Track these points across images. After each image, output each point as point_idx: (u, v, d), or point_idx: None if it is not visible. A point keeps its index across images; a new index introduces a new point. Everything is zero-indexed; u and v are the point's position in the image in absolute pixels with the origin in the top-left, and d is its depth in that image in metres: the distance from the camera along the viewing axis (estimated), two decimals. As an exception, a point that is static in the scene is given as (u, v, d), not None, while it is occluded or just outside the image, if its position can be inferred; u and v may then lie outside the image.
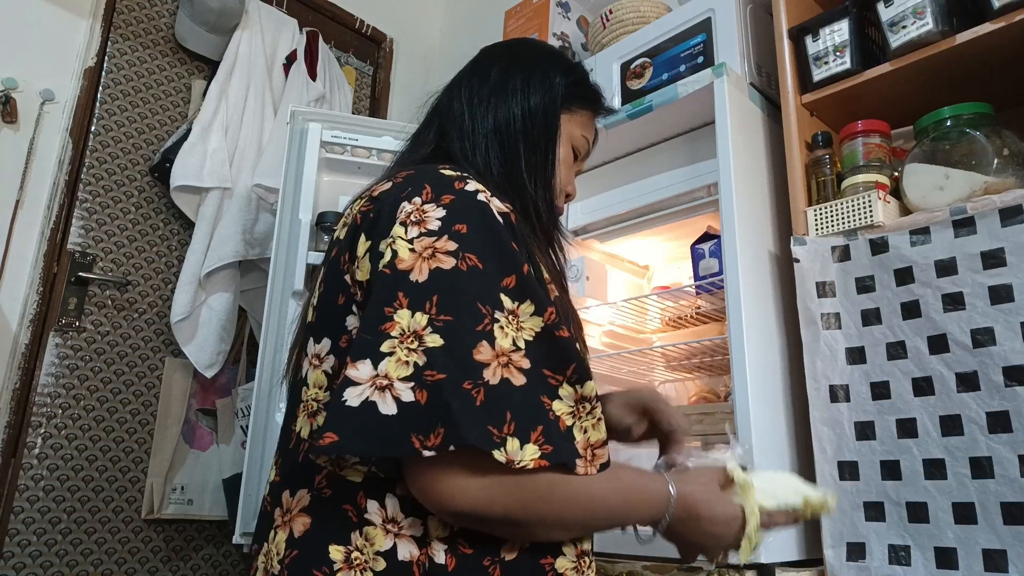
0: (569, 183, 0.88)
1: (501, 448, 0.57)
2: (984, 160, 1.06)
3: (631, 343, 1.68)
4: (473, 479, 0.58)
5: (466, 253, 0.63)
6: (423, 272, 0.61)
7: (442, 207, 0.65)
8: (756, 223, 1.26)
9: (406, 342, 0.59)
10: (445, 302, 0.60)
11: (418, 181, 0.69)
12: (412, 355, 0.58)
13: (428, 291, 0.60)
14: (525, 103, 0.82)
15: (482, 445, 0.56)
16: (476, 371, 0.58)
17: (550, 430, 0.60)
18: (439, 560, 0.62)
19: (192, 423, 1.92)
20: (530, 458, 0.58)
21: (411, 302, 0.60)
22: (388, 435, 0.56)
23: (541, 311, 0.64)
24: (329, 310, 0.70)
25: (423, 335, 0.59)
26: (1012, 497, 0.93)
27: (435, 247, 0.63)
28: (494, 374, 0.59)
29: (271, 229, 1.80)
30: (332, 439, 0.56)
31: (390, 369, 0.58)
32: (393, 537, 0.62)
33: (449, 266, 0.62)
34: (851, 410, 1.09)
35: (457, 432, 0.56)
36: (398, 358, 0.58)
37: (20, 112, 1.70)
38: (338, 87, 2.27)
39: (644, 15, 1.65)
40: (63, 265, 1.76)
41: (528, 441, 0.58)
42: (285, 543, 0.65)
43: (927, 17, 1.13)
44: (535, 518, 0.61)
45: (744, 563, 0.77)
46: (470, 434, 0.56)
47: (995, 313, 0.97)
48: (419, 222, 0.64)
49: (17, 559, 1.60)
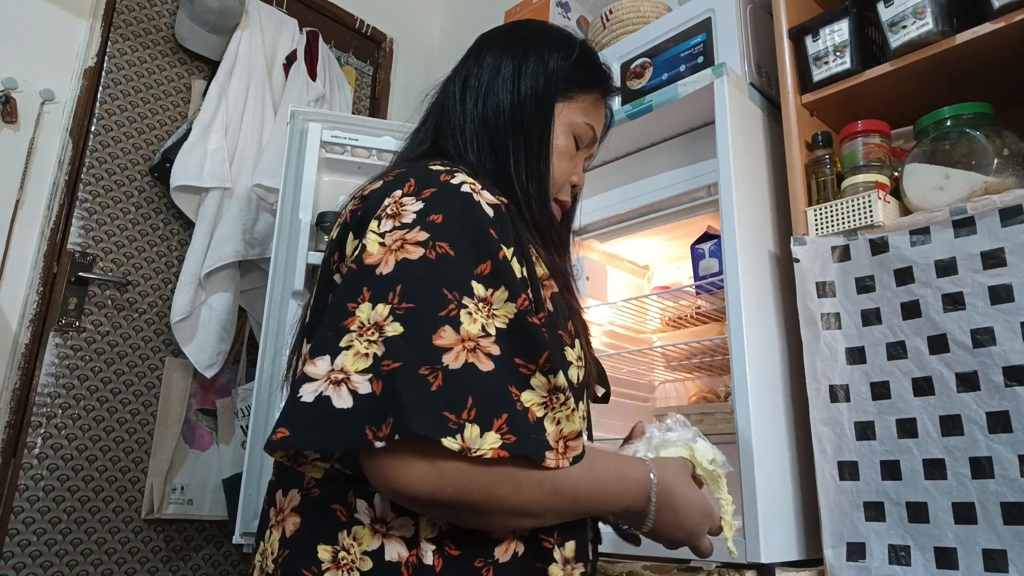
0: (571, 174, 0.84)
1: (457, 435, 0.55)
2: (984, 160, 1.06)
3: (631, 343, 1.68)
4: (422, 463, 0.56)
5: (437, 242, 0.61)
6: (389, 264, 0.60)
7: (421, 200, 0.64)
8: (756, 223, 1.26)
9: (366, 334, 0.57)
10: (408, 290, 0.59)
11: (405, 177, 0.68)
12: (372, 347, 0.57)
13: (392, 282, 0.59)
14: (515, 93, 0.78)
15: (429, 433, 0.54)
16: (435, 355, 0.57)
17: (516, 420, 0.57)
18: (427, 561, 0.61)
19: (192, 423, 1.92)
20: (489, 447, 0.55)
21: (373, 295, 0.59)
22: (340, 429, 0.55)
23: (514, 298, 0.61)
24: (321, 310, 0.70)
25: (384, 325, 0.58)
26: (1012, 497, 0.93)
27: (405, 239, 0.62)
28: (456, 358, 0.57)
29: (271, 229, 1.80)
30: (283, 434, 0.55)
31: (347, 363, 0.57)
32: (381, 537, 0.61)
33: (416, 256, 0.61)
34: (851, 410, 1.09)
35: (404, 421, 0.54)
36: (356, 351, 0.57)
37: (20, 112, 1.70)
38: (338, 87, 2.27)
39: (644, 15, 1.65)
40: (63, 265, 1.76)
41: (490, 429, 0.56)
42: (278, 542, 0.65)
43: (927, 17, 1.13)
44: (495, 504, 0.59)
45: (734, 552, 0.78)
46: (417, 422, 0.54)
47: (995, 313, 0.97)
48: (394, 215, 0.64)
49: (17, 559, 1.60)
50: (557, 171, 0.81)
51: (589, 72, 0.84)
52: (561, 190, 0.84)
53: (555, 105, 0.80)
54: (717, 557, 1.09)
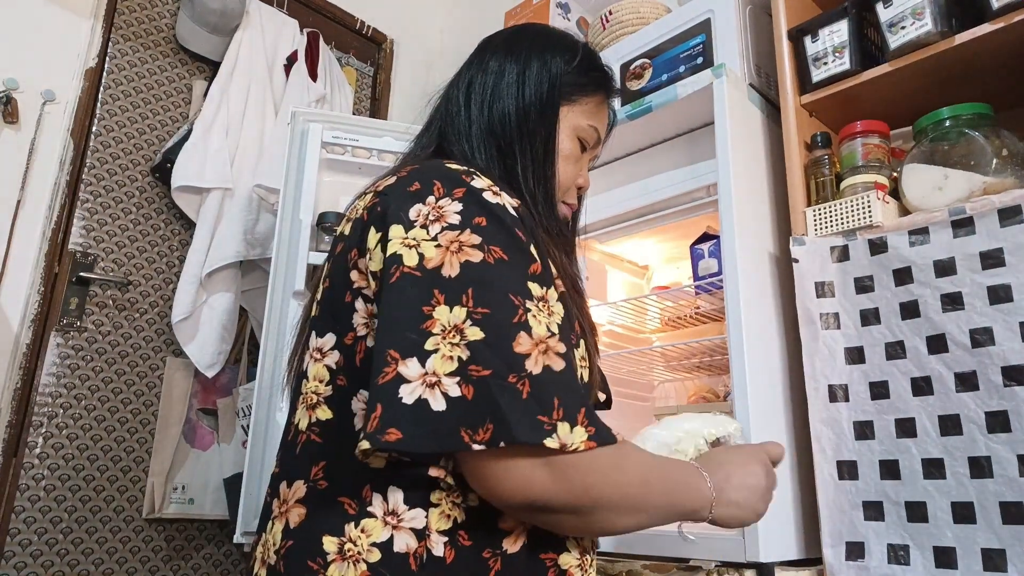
0: (577, 177, 0.85)
1: (553, 435, 0.57)
2: (983, 160, 1.06)
3: (631, 343, 1.68)
4: (535, 467, 0.58)
5: (490, 246, 0.63)
6: (454, 266, 0.62)
7: (457, 200, 0.65)
8: (755, 223, 1.27)
9: (448, 337, 0.59)
10: (480, 295, 0.61)
11: (426, 177, 0.68)
12: (455, 350, 0.59)
13: (462, 284, 0.61)
14: (519, 99, 0.79)
15: (532, 439, 0.57)
16: (519, 363, 0.59)
17: (590, 411, 0.60)
18: (437, 552, 0.61)
19: (193, 423, 1.92)
20: (580, 440, 0.58)
21: (447, 297, 0.60)
22: (439, 431, 0.57)
23: (562, 298, 0.66)
24: (334, 307, 0.70)
25: (464, 328, 0.59)
26: (1011, 496, 0.93)
27: (460, 240, 0.63)
28: (536, 363, 0.59)
29: (272, 229, 1.80)
30: (397, 436, 0.56)
31: (437, 366, 0.58)
32: (391, 529, 0.62)
33: (478, 259, 0.62)
34: (850, 410, 1.09)
35: (507, 429, 0.56)
36: (443, 354, 0.58)
37: (21, 112, 1.71)
38: (339, 88, 2.27)
39: (644, 16, 1.65)
40: (64, 265, 1.76)
41: (576, 424, 0.59)
42: (281, 533, 0.65)
43: (926, 18, 1.13)
44: (600, 499, 0.61)
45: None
46: (520, 431, 0.56)
47: (994, 313, 0.97)
48: (438, 218, 0.64)
49: (18, 558, 1.61)
50: (563, 175, 0.82)
51: (592, 75, 0.85)
52: (567, 193, 0.85)
53: (559, 109, 0.81)
54: (716, 557, 1.09)
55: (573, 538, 0.69)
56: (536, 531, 0.66)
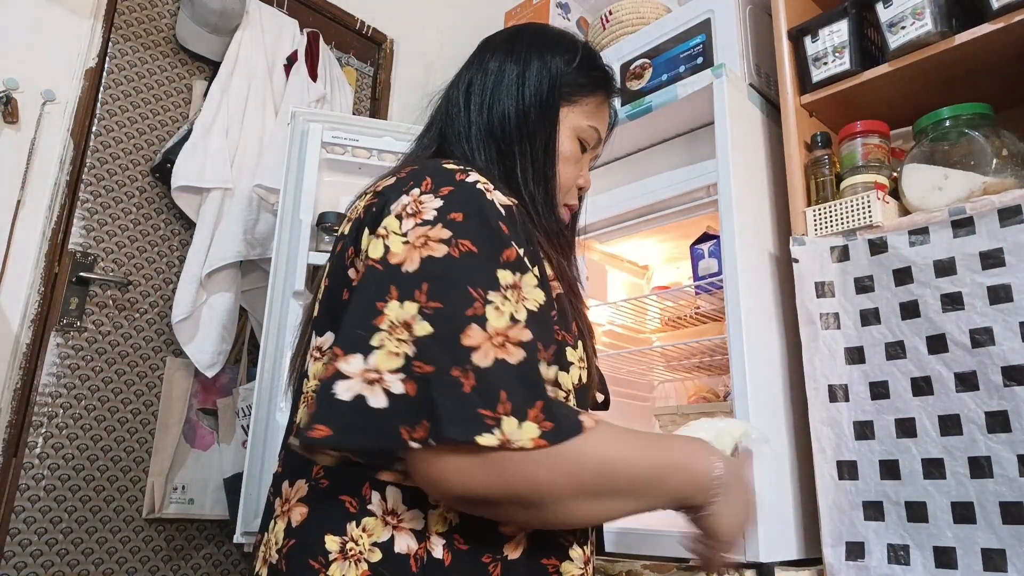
0: (578, 177, 0.85)
1: (495, 430, 0.55)
2: (983, 160, 1.06)
3: (630, 343, 1.68)
4: (471, 465, 0.56)
5: (459, 240, 0.62)
6: (414, 262, 0.61)
7: (440, 198, 0.65)
8: (755, 223, 1.26)
9: (396, 333, 0.58)
10: (435, 288, 0.59)
11: (420, 174, 0.69)
12: (402, 346, 0.57)
13: (418, 279, 0.60)
14: (519, 100, 0.78)
15: (463, 437, 0.55)
16: (464, 357, 0.57)
17: (550, 407, 0.58)
18: (436, 555, 0.61)
19: (193, 423, 1.92)
20: (528, 437, 0.56)
21: (401, 292, 0.59)
22: (377, 428, 0.56)
23: (544, 286, 0.64)
24: (333, 305, 0.70)
25: (412, 324, 0.58)
26: (1011, 496, 0.93)
27: (428, 236, 0.62)
28: (485, 356, 0.57)
29: (272, 229, 1.80)
30: (326, 432, 0.56)
31: (379, 362, 0.57)
32: (392, 529, 0.62)
33: (441, 254, 0.61)
34: (850, 410, 1.09)
35: (437, 427, 0.55)
36: (388, 350, 0.57)
37: (21, 112, 1.71)
38: (339, 88, 2.27)
39: (644, 16, 1.65)
40: (64, 265, 1.76)
41: (526, 419, 0.56)
42: (283, 532, 0.65)
43: (926, 18, 1.13)
44: (547, 491, 0.58)
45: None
46: (449, 428, 0.55)
47: (994, 313, 0.97)
48: (415, 213, 0.64)
49: (18, 558, 1.61)
50: (563, 176, 0.82)
51: (593, 75, 0.84)
52: (568, 193, 0.85)
53: (560, 110, 0.81)
54: (716, 556, 1.09)
55: (575, 544, 0.69)
56: (538, 537, 0.66)
